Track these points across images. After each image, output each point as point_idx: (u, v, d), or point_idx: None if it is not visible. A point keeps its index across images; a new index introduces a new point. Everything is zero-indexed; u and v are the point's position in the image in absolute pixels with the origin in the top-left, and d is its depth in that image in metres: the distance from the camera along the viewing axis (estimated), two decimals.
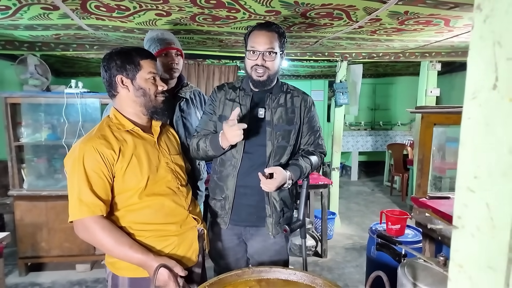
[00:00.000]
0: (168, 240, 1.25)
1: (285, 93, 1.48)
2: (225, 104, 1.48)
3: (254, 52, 1.37)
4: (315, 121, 1.53)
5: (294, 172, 1.40)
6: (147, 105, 1.27)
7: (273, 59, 1.38)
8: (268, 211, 1.44)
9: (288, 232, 1.40)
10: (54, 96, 2.80)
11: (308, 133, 1.51)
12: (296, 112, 1.46)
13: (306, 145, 1.53)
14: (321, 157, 1.55)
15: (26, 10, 1.96)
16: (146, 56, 1.26)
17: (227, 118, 1.40)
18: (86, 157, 1.14)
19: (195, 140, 1.49)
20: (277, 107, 1.44)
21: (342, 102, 3.78)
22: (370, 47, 3.32)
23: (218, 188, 1.50)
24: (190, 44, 3.05)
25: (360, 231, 3.86)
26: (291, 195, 1.51)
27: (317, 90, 6.74)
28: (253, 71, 1.39)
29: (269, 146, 1.42)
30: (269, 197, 1.44)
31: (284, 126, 1.43)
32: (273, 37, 1.37)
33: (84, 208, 1.11)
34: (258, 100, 1.46)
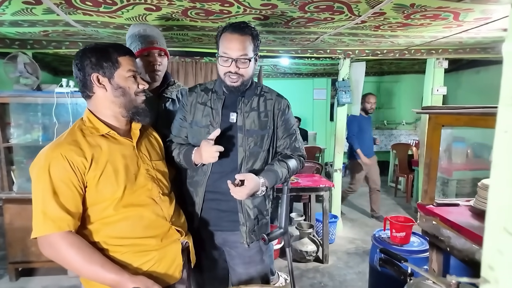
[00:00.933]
0: (148, 255, 1.13)
1: (258, 96, 1.40)
2: (196, 108, 1.40)
3: (226, 59, 1.28)
4: (290, 124, 1.45)
5: (268, 178, 1.32)
6: (127, 105, 1.16)
7: (247, 66, 1.30)
8: (241, 219, 1.38)
9: (267, 241, 1.31)
10: (43, 96, 2.70)
11: (283, 137, 1.44)
12: (269, 115, 1.38)
13: (283, 149, 1.45)
14: (300, 160, 1.47)
15: (7, 4, 1.85)
16: (125, 53, 1.16)
17: (198, 124, 1.37)
18: (52, 166, 1.03)
19: (170, 148, 1.43)
20: (250, 111, 1.37)
21: (345, 101, 3.65)
22: (374, 44, 3.18)
23: (188, 195, 1.44)
24: (185, 41, 2.93)
25: (363, 234, 3.73)
26: (267, 201, 1.45)
27: (319, 88, 6.61)
28: (227, 77, 1.31)
29: (241, 152, 1.35)
30: (242, 205, 1.37)
31: (257, 131, 1.36)
32: (246, 41, 1.27)
33: (49, 223, 1.00)
34: (230, 103, 1.38)
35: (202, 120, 1.37)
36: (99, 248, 1.08)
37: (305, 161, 1.51)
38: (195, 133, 1.38)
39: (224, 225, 1.40)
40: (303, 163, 1.49)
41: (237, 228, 1.38)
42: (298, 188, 2.94)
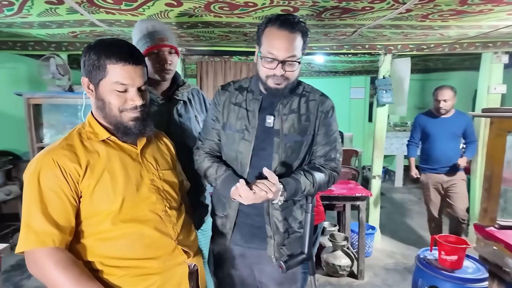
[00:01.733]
0: (148, 280, 0.99)
1: (300, 96, 1.23)
2: (230, 109, 1.25)
3: (271, 60, 1.10)
4: (331, 130, 1.26)
5: (288, 187, 1.13)
6: (110, 120, 1.00)
7: (295, 69, 1.14)
8: (269, 231, 1.23)
9: (284, 270, 1.12)
10: (73, 97, 2.72)
11: (322, 143, 1.25)
12: (311, 119, 1.22)
13: (317, 158, 1.25)
14: (331, 175, 1.25)
15: (30, 5, 1.83)
16: (118, 59, 0.94)
17: (232, 128, 1.23)
18: (42, 172, 0.92)
19: (204, 163, 1.27)
20: (289, 114, 1.21)
21: (385, 101, 3.32)
22: (420, 37, 2.84)
23: (220, 204, 1.30)
24: (212, 40, 2.81)
25: (403, 248, 3.38)
26: (299, 212, 1.26)
27: (357, 87, 6.23)
28: (269, 79, 1.15)
29: (275, 159, 1.19)
30: (270, 216, 1.22)
31: (296, 136, 1.20)
32: (296, 39, 1.10)
33: (32, 237, 0.88)
34: (267, 105, 1.22)
35: (236, 124, 1.22)
36: (93, 269, 0.96)
37: (338, 176, 1.29)
38: (228, 138, 1.24)
39: (257, 242, 1.26)
40: (335, 179, 1.27)
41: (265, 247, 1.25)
42: (331, 196, 2.70)
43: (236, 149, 1.21)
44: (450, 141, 2.90)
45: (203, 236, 1.63)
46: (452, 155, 2.89)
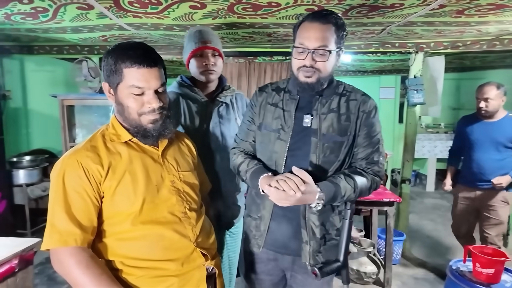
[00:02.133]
0: (166, 281, 0.99)
1: (340, 95, 1.19)
2: (266, 110, 1.25)
3: (302, 50, 1.10)
4: (374, 131, 1.20)
5: (326, 191, 1.08)
6: (130, 123, 1.02)
7: (326, 59, 1.10)
8: (305, 236, 1.19)
9: (318, 276, 1.09)
10: (103, 98, 2.82)
11: (364, 145, 1.19)
12: (351, 119, 1.17)
13: (358, 160, 1.19)
14: (373, 180, 1.18)
15: (63, 11, 1.92)
16: (133, 63, 0.95)
17: (268, 127, 1.22)
18: (67, 173, 0.94)
19: (237, 159, 1.29)
20: (328, 113, 1.17)
21: (416, 101, 3.16)
22: (454, 34, 2.67)
23: (255, 205, 1.27)
24: (237, 41, 2.81)
25: (435, 256, 3.20)
26: (336, 218, 1.21)
27: (387, 87, 6.01)
28: (300, 72, 1.13)
29: (313, 159, 1.16)
30: (307, 220, 1.17)
31: (335, 136, 1.16)
32: (328, 30, 1.08)
33: (55, 236, 0.91)
34: (305, 104, 1.20)
35: (272, 123, 1.21)
36: (114, 268, 0.98)
37: (380, 181, 1.22)
38: (263, 137, 1.24)
39: (291, 248, 1.22)
40: (377, 184, 1.21)
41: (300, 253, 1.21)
42: (357, 200, 2.59)
43: (271, 149, 1.20)
44: (493, 151, 2.31)
45: (232, 239, 1.64)
46: (493, 169, 2.30)
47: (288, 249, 1.23)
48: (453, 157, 2.73)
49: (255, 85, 3.47)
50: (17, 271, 1.55)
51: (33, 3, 1.77)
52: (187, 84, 1.53)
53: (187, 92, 1.52)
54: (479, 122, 2.42)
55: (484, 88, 2.32)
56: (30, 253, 1.67)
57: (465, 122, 2.54)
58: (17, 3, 1.76)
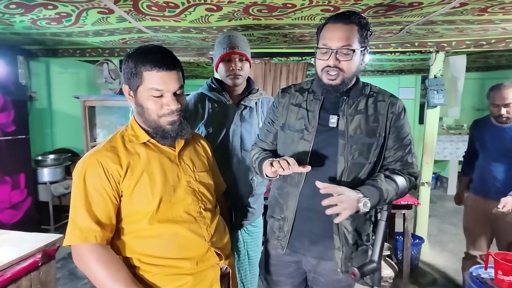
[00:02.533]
0: (180, 279, 1.02)
1: (367, 96, 1.18)
2: (289, 110, 1.24)
3: (325, 51, 1.09)
4: (404, 132, 1.18)
5: (371, 196, 1.06)
6: (148, 124, 1.05)
7: (350, 59, 1.08)
8: (337, 243, 1.16)
9: (358, 277, 1.08)
10: (122, 99, 2.90)
11: (395, 147, 1.17)
12: (380, 120, 1.15)
13: (391, 162, 1.18)
14: (410, 180, 1.17)
15: (85, 15, 1.99)
16: (152, 66, 0.97)
17: (291, 128, 1.21)
18: (88, 172, 0.98)
19: (253, 152, 1.34)
20: (355, 114, 1.15)
21: (437, 102, 3.07)
22: (478, 33, 2.58)
23: (278, 206, 1.27)
24: (252, 42, 2.82)
25: (455, 262, 3.10)
26: (368, 224, 1.19)
27: (406, 87, 5.87)
28: (324, 73, 1.12)
29: (341, 162, 1.13)
30: (339, 226, 1.14)
31: (363, 138, 1.14)
32: (351, 31, 1.07)
33: (76, 233, 0.95)
34: (330, 105, 1.19)
35: (295, 124, 1.21)
36: (131, 265, 1.01)
37: (415, 182, 1.21)
38: (286, 137, 1.23)
39: (317, 251, 1.20)
40: (413, 184, 1.19)
41: (331, 255, 1.18)
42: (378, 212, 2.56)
43: (294, 149, 1.19)
44: (508, 160, 2.04)
45: (251, 238, 1.67)
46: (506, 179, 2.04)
47: (313, 251, 1.21)
48: (466, 165, 2.42)
49: (270, 85, 3.46)
50: (40, 265, 1.61)
51: (57, 9, 1.84)
52: (215, 87, 1.59)
53: (214, 94, 1.57)
54: (495, 127, 2.11)
55: (504, 92, 1.98)
56: (53, 248, 1.74)
57: (480, 126, 2.26)
58: (42, 8, 1.84)
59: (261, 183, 1.67)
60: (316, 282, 1.25)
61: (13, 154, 3.02)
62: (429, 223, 3.31)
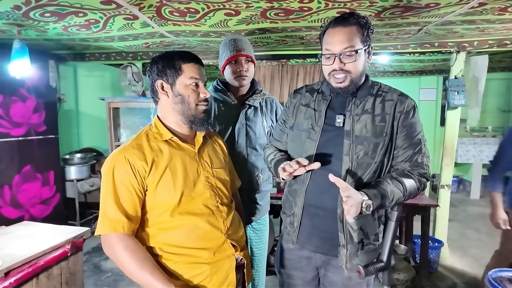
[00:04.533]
0: (199, 268, 1.08)
1: (375, 96, 1.18)
2: (299, 110, 1.28)
3: (329, 56, 1.12)
4: (414, 131, 1.16)
5: (374, 198, 1.06)
6: (186, 113, 1.14)
7: (354, 60, 1.10)
8: (341, 240, 1.18)
9: (362, 274, 1.08)
10: (145, 101, 3.03)
11: (404, 147, 1.16)
12: (387, 120, 1.15)
13: (400, 162, 1.17)
14: (420, 181, 1.16)
15: (112, 22, 2.11)
16: (189, 60, 1.13)
17: (299, 127, 1.25)
18: (116, 168, 1.07)
19: (267, 151, 1.37)
20: (362, 114, 1.16)
21: (458, 103, 3.02)
22: (501, 32, 2.53)
23: (288, 202, 1.32)
24: (270, 45, 2.88)
25: (477, 267, 3.01)
26: (376, 223, 1.19)
27: (427, 88, 5.75)
28: (331, 77, 1.14)
29: (346, 161, 1.14)
30: (344, 224, 1.16)
31: (369, 137, 1.14)
32: (351, 32, 1.09)
33: (106, 223, 1.04)
34: (337, 105, 1.21)
35: (303, 123, 1.24)
36: (154, 253, 1.08)
37: (427, 182, 1.20)
38: (295, 137, 1.27)
39: (325, 248, 1.22)
40: (424, 185, 1.18)
41: (336, 254, 1.21)
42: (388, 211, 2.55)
43: (301, 148, 1.22)
44: None
45: (256, 236, 1.70)
46: None
47: (321, 248, 1.23)
48: (497, 178, 2.03)
49: (287, 87, 3.51)
50: (69, 255, 1.73)
51: (87, 16, 1.97)
52: (221, 88, 1.66)
53: (220, 95, 1.64)
54: None
55: None
56: (80, 240, 1.86)
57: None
58: (73, 16, 1.97)
59: (266, 181, 1.71)
60: (326, 278, 1.27)
61: (44, 153, 3.20)
62: (451, 228, 3.24)
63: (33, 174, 3.12)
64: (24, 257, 1.50)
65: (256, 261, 1.71)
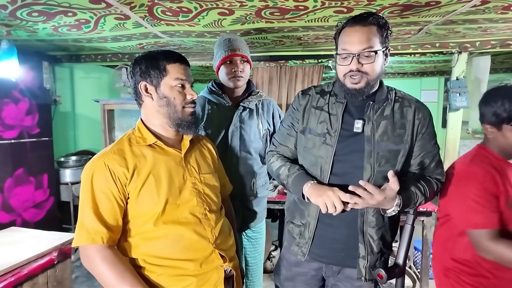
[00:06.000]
0: (184, 280, 1.02)
1: (393, 102, 1.15)
2: (310, 113, 1.21)
3: (346, 56, 1.06)
4: (431, 138, 1.16)
5: (405, 198, 1.06)
6: (172, 116, 1.08)
7: (373, 61, 1.05)
8: (362, 251, 1.14)
9: (384, 279, 1.06)
10: None
11: (421, 155, 1.15)
12: (407, 127, 1.12)
13: (417, 170, 1.16)
14: (436, 185, 1.16)
15: (103, 21, 2.05)
16: (175, 60, 1.08)
17: (313, 131, 1.18)
18: (95, 175, 1.01)
19: (276, 162, 1.26)
20: (381, 120, 1.12)
21: (459, 105, 2.96)
22: (504, 32, 2.46)
23: (298, 211, 1.24)
24: (267, 46, 2.82)
25: None
26: (391, 232, 1.18)
27: (429, 89, 5.68)
28: (347, 78, 1.09)
29: (368, 170, 1.10)
30: (364, 234, 1.12)
31: (390, 145, 1.10)
32: (370, 32, 1.04)
33: (84, 234, 0.97)
34: (354, 109, 1.15)
35: (317, 127, 1.17)
36: (137, 265, 1.02)
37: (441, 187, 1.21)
38: (307, 142, 1.19)
39: (339, 259, 1.18)
40: (438, 190, 1.20)
41: (354, 263, 1.15)
42: None
43: (316, 153, 1.16)
44: None
45: (250, 244, 1.63)
46: None
47: (335, 259, 1.18)
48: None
49: (286, 89, 3.44)
50: (56, 263, 1.67)
51: (77, 16, 1.91)
52: (215, 90, 1.60)
53: (214, 96, 1.58)
54: None
55: None
56: (69, 247, 1.79)
57: None
58: (63, 16, 1.91)
59: (263, 186, 1.64)
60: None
61: (37, 156, 3.14)
62: None
63: (26, 178, 3.06)
64: (6, 266, 1.44)
65: (251, 271, 1.64)
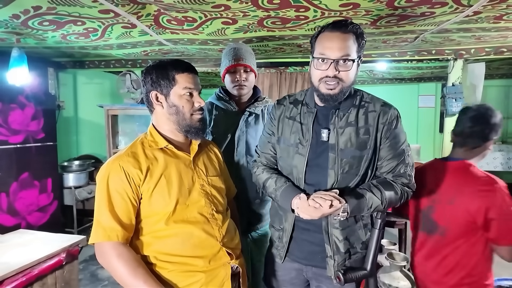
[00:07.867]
0: (194, 276, 1.08)
1: (358, 107, 1.16)
2: (284, 123, 1.24)
3: (324, 61, 1.07)
4: (397, 141, 1.15)
5: (351, 203, 1.08)
6: (181, 123, 1.14)
7: (349, 69, 1.08)
8: (328, 251, 1.18)
9: (342, 281, 1.10)
10: (144, 108, 3.03)
11: (387, 158, 1.15)
12: (370, 132, 1.13)
13: (384, 173, 1.17)
14: (402, 191, 1.15)
15: (111, 30, 2.12)
16: (183, 70, 1.14)
17: (286, 142, 1.23)
18: (111, 176, 1.07)
19: (262, 175, 1.28)
20: (345, 127, 1.14)
21: (455, 110, 3.02)
22: (497, 40, 2.55)
23: (277, 216, 1.30)
24: (268, 53, 2.89)
25: None
26: (361, 232, 1.20)
27: (426, 95, 5.76)
28: (322, 83, 1.10)
29: (332, 176, 1.14)
30: (330, 235, 1.16)
31: (354, 151, 1.13)
32: (349, 40, 1.06)
33: (100, 232, 1.03)
34: (323, 118, 1.18)
35: (290, 138, 1.21)
36: (149, 262, 1.08)
37: (412, 192, 1.19)
38: (282, 152, 1.24)
39: (317, 260, 1.22)
40: (408, 195, 1.17)
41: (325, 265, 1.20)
42: (388, 212, 2.54)
43: (290, 163, 1.20)
44: None
45: (256, 247, 1.65)
46: None
47: (312, 261, 1.23)
48: None
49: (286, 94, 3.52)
50: (64, 264, 1.72)
51: (85, 25, 1.98)
52: (222, 96, 1.67)
53: (221, 102, 1.65)
54: None
55: None
56: (76, 249, 1.84)
57: None
58: (72, 25, 1.98)
59: None
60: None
61: (42, 160, 3.20)
62: None
63: (31, 182, 3.11)
64: (18, 266, 1.49)
65: (256, 274, 1.66)
